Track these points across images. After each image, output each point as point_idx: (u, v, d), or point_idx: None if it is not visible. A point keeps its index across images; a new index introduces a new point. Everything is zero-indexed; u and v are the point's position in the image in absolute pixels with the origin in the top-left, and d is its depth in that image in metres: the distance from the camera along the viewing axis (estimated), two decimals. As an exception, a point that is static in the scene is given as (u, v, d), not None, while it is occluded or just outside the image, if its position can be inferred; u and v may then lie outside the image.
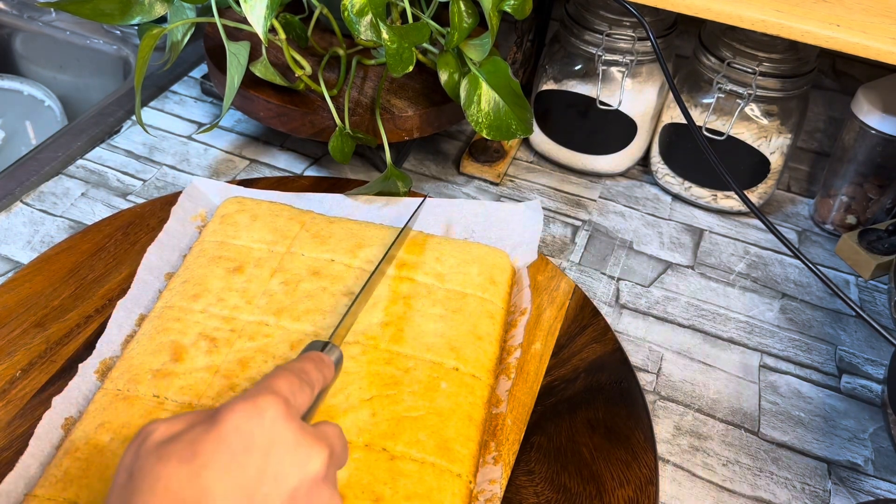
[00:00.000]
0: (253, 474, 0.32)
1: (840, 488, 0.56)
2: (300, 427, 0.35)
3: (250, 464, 0.33)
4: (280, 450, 0.33)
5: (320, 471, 0.34)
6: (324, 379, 0.42)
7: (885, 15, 0.62)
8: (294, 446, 0.34)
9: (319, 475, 0.34)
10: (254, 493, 0.32)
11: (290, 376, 0.38)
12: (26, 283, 0.61)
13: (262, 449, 0.33)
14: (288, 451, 0.34)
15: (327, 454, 0.35)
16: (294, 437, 0.34)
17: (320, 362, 0.42)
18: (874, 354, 0.66)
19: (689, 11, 0.64)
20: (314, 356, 0.42)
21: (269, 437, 0.33)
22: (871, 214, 0.76)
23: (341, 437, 0.38)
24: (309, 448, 0.34)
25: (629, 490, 0.51)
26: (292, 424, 0.34)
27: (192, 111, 0.86)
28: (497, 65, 0.68)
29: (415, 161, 0.82)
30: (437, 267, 0.62)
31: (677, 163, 0.79)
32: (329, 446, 0.35)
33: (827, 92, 0.82)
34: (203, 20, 0.73)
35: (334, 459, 0.36)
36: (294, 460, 0.34)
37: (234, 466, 0.32)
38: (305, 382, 0.38)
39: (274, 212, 0.66)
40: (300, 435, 0.34)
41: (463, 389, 0.53)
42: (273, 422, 0.34)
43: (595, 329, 0.62)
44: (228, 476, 0.32)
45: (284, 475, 0.33)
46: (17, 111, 1.05)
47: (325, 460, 0.35)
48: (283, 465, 0.33)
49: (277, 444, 0.33)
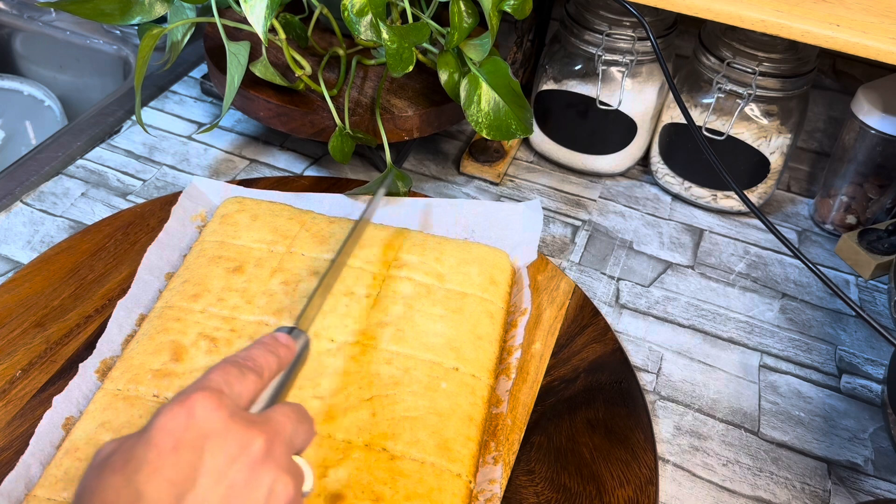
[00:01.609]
0: (186, 470, 0.32)
1: (840, 488, 0.56)
2: (231, 415, 0.34)
3: (182, 461, 0.32)
4: (213, 442, 0.33)
5: (258, 454, 0.34)
6: (278, 360, 0.40)
7: (885, 15, 0.62)
8: (226, 435, 0.34)
9: (257, 458, 0.34)
10: (188, 488, 0.32)
11: (228, 367, 0.37)
12: (26, 283, 0.61)
13: (194, 444, 0.33)
14: (221, 441, 0.33)
15: (264, 437, 0.34)
16: (225, 426, 0.34)
17: (273, 344, 0.41)
18: (874, 354, 0.66)
19: (689, 11, 0.64)
20: (266, 339, 0.41)
21: (199, 432, 0.33)
22: (871, 214, 0.76)
23: (294, 416, 0.38)
24: (241, 434, 0.34)
25: (629, 490, 0.51)
26: (222, 414, 0.34)
27: (192, 111, 0.86)
28: (497, 65, 0.68)
29: (415, 161, 0.82)
30: (437, 267, 0.62)
31: (677, 163, 0.79)
32: (268, 430, 0.35)
33: (827, 92, 0.82)
34: (203, 20, 0.73)
35: (280, 440, 0.35)
36: (228, 449, 0.33)
37: (164, 466, 0.32)
38: (249, 369, 0.38)
39: (274, 212, 0.66)
40: (231, 423, 0.34)
41: (463, 389, 0.53)
42: (204, 416, 0.34)
43: (595, 329, 0.62)
44: (159, 476, 0.32)
45: (220, 465, 0.33)
46: (17, 111, 1.05)
47: (263, 444, 0.34)
48: (218, 456, 0.33)
49: (210, 436, 0.33)
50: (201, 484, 0.32)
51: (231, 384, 0.36)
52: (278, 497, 0.34)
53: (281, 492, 0.34)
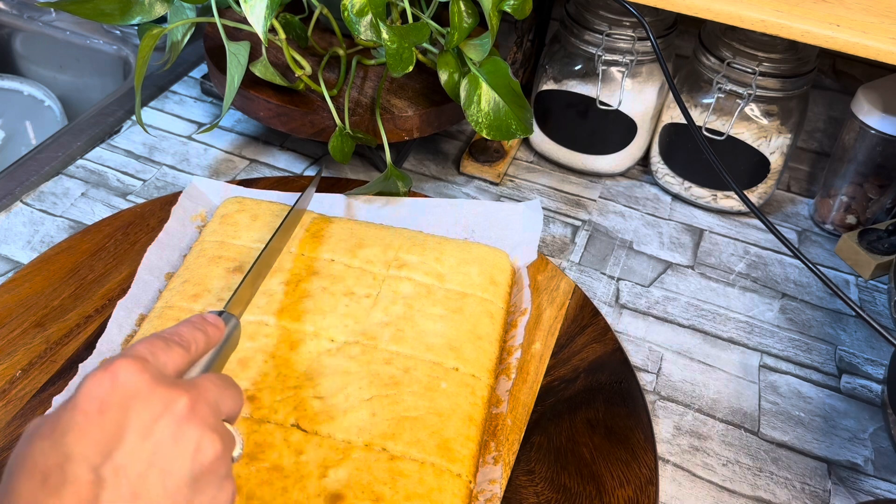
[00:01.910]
0: (112, 430, 0.33)
1: (840, 488, 0.56)
2: (154, 379, 0.35)
3: (108, 422, 0.33)
4: (138, 402, 0.34)
5: (182, 411, 0.35)
6: (205, 337, 0.41)
7: (885, 15, 0.62)
8: (150, 395, 0.34)
9: (182, 416, 0.34)
10: (115, 447, 0.33)
11: (153, 339, 0.38)
12: (26, 283, 0.61)
13: (119, 406, 0.34)
14: (145, 402, 0.34)
15: (188, 396, 0.35)
16: (148, 388, 0.35)
17: (200, 322, 0.42)
18: (874, 354, 0.66)
19: (689, 11, 0.64)
20: (194, 318, 0.42)
21: (124, 393, 0.34)
22: (871, 214, 0.76)
23: (219, 382, 0.38)
24: (165, 394, 0.35)
25: (629, 490, 0.51)
26: (146, 377, 0.35)
27: (192, 111, 0.86)
28: (497, 65, 0.68)
29: (415, 161, 0.82)
30: (437, 267, 0.62)
31: (677, 163, 0.79)
32: (192, 390, 0.36)
33: (827, 92, 0.82)
34: (203, 20, 0.73)
35: (204, 400, 0.36)
36: (153, 408, 0.34)
37: (90, 428, 0.33)
38: (175, 343, 0.39)
39: (274, 212, 0.66)
40: (154, 385, 0.35)
41: (463, 389, 0.53)
42: (127, 380, 0.34)
43: (595, 329, 0.62)
44: (86, 437, 0.33)
45: (145, 423, 0.34)
46: (17, 111, 1.05)
47: (188, 401, 0.35)
48: (143, 415, 0.34)
49: (134, 398, 0.34)
50: (128, 441, 0.33)
51: (156, 354, 0.37)
52: (205, 453, 0.35)
53: (208, 448, 0.35)
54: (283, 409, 0.51)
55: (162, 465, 0.33)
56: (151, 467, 0.33)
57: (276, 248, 0.58)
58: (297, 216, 0.63)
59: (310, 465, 0.48)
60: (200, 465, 0.34)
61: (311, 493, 0.47)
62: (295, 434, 0.50)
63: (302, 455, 0.49)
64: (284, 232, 0.60)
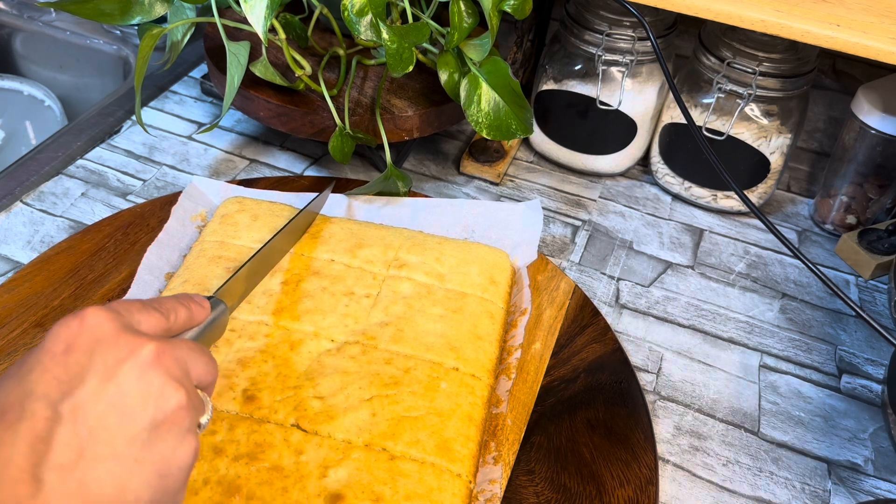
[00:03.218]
0: (75, 370, 0.34)
1: (840, 488, 0.56)
2: (123, 326, 0.35)
3: (71, 362, 0.34)
4: (103, 346, 0.34)
5: (147, 358, 0.35)
6: (187, 312, 0.41)
7: (885, 15, 0.62)
8: (116, 339, 0.35)
9: (147, 362, 0.35)
10: (76, 386, 0.33)
11: (132, 300, 0.39)
12: (26, 283, 0.61)
13: (84, 348, 0.34)
14: (110, 345, 0.34)
15: (155, 345, 0.35)
16: (115, 333, 0.35)
17: (185, 298, 0.42)
18: (874, 354, 0.66)
19: (689, 11, 0.64)
20: (180, 295, 0.42)
21: (91, 337, 0.34)
22: (871, 214, 0.76)
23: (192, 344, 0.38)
24: (132, 341, 0.35)
25: (629, 490, 0.51)
26: (114, 324, 0.35)
27: (192, 111, 0.86)
28: (497, 65, 0.68)
29: (415, 161, 0.82)
30: (437, 267, 0.62)
31: (677, 163, 0.79)
32: (160, 342, 0.36)
33: (827, 92, 0.82)
34: (203, 20, 0.73)
35: (172, 354, 0.36)
36: (118, 352, 0.34)
37: (53, 366, 0.34)
38: (153, 308, 0.39)
39: (274, 212, 0.66)
40: (121, 331, 0.35)
41: (463, 389, 0.53)
42: (96, 325, 0.35)
43: (595, 329, 0.62)
44: (48, 376, 0.33)
45: (109, 365, 0.34)
46: (17, 111, 1.05)
47: (154, 350, 0.35)
48: (108, 357, 0.34)
49: (101, 341, 0.34)
50: (89, 382, 0.33)
51: (130, 310, 0.37)
52: (167, 401, 0.35)
53: (170, 396, 0.35)
54: (283, 409, 0.51)
55: (122, 408, 0.33)
56: (111, 409, 0.33)
57: (279, 248, 0.58)
58: (307, 220, 0.63)
59: (310, 465, 0.48)
60: (162, 413, 0.34)
61: (311, 493, 0.47)
62: (295, 434, 0.50)
63: (302, 455, 0.49)
64: (290, 234, 0.60)
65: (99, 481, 0.32)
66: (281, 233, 0.58)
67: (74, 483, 0.32)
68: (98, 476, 0.32)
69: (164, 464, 0.34)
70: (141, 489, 0.33)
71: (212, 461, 0.48)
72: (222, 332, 0.45)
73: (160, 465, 0.34)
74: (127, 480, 0.33)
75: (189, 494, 0.46)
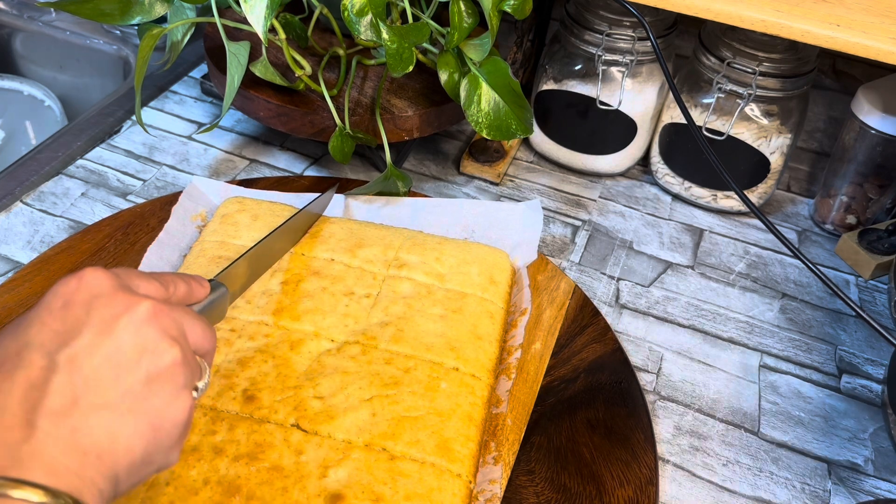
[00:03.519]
0: (72, 323, 0.34)
1: (840, 488, 0.56)
2: (120, 285, 0.36)
3: (69, 316, 0.35)
4: (101, 301, 0.35)
5: (143, 314, 0.35)
6: (187, 287, 0.42)
7: (885, 15, 0.62)
8: (113, 296, 0.35)
9: (143, 318, 0.35)
10: (73, 338, 0.34)
11: (131, 269, 0.39)
12: (26, 283, 0.61)
13: (82, 303, 0.35)
14: (108, 301, 0.35)
15: (152, 303, 0.36)
16: (113, 290, 0.36)
17: (185, 275, 0.43)
18: (874, 354, 0.66)
19: (689, 11, 0.64)
20: (183, 273, 0.43)
21: (88, 293, 0.35)
22: (871, 214, 0.76)
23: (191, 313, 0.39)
24: (128, 298, 0.36)
25: (629, 490, 0.51)
26: (112, 282, 0.36)
27: (192, 111, 0.86)
28: (497, 65, 0.68)
29: (415, 161, 0.82)
30: (437, 267, 0.62)
31: (677, 163, 0.79)
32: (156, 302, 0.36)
33: (827, 92, 0.82)
34: (203, 20, 0.73)
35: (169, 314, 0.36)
36: (114, 308, 0.35)
37: (51, 320, 0.34)
38: (152, 277, 0.39)
39: (274, 212, 0.66)
40: (118, 289, 0.36)
41: (463, 389, 0.53)
42: (94, 282, 0.36)
43: (595, 329, 0.62)
44: (46, 328, 0.34)
45: (105, 319, 0.35)
46: (17, 111, 1.05)
47: (151, 307, 0.36)
48: (104, 313, 0.35)
49: (98, 297, 0.35)
50: (86, 334, 0.34)
51: (129, 276, 0.38)
52: (162, 356, 0.35)
53: (165, 352, 0.35)
54: (283, 409, 0.51)
55: (117, 360, 0.34)
56: (106, 361, 0.34)
57: (281, 244, 0.58)
58: (310, 218, 0.63)
59: (310, 465, 0.48)
60: (156, 367, 0.35)
61: (311, 493, 0.47)
62: (295, 434, 0.50)
63: (302, 455, 0.49)
64: (294, 231, 0.60)
65: (91, 429, 0.33)
66: (284, 227, 0.58)
67: (67, 429, 0.32)
68: (91, 424, 0.33)
69: (157, 417, 0.35)
70: (132, 439, 0.34)
71: (212, 461, 0.48)
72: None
73: (153, 417, 0.35)
74: (119, 430, 0.33)
75: (189, 494, 0.46)
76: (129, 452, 0.34)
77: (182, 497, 0.46)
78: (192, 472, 0.47)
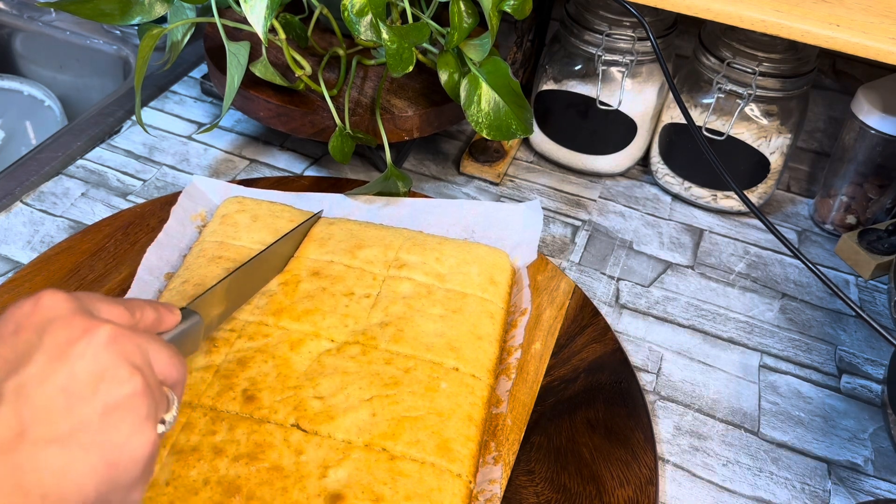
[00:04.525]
0: (23, 349, 0.32)
1: (840, 488, 0.56)
2: (79, 308, 0.34)
3: (20, 341, 0.32)
4: (55, 325, 0.33)
5: (102, 339, 0.33)
6: (155, 314, 0.39)
7: (885, 15, 0.62)
8: (70, 320, 0.33)
9: (100, 343, 0.33)
10: (23, 364, 0.32)
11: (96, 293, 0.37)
12: (26, 283, 0.61)
13: (36, 327, 0.33)
14: (63, 325, 0.33)
15: (112, 327, 0.33)
16: (70, 313, 0.33)
17: (156, 303, 0.40)
18: (874, 354, 0.66)
19: (689, 11, 0.64)
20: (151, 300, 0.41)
21: (43, 317, 0.33)
22: (871, 214, 0.76)
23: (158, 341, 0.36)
24: (86, 322, 0.33)
25: (629, 490, 0.51)
26: (70, 304, 0.34)
27: (192, 111, 0.86)
28: (497, 65, 0.68)
29: (415, 161, 0.82)
30: (437, 267, 0.62)
31: (677, 163, 0.79)
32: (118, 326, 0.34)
33: (827, 92, 0.82)
34: (203, 20, 0.73)
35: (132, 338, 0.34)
36: (70, 333, 0.33)
37: (2, 347, 0.32)
38: (118, 302, 0.37)
39: (274, 213, 0.66)
40: (77, 312, 0.33)
41: (463, 389, 0.53)
42: (50, 305, 0.33)
43: (595, 329, 0.62)
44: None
45: (59, 345, 0.32)
46: (17, 111, 1.05)
47: (110, 332, 0.33)
48: (58, 338, 0.32)
49: (53, 321, 0.33)
50: (37, 361, 0.32)
51: (91, 299, 0.36)
52: (122, 385, 0.33)
53: (125, 381, 0.33)
54: (283, 409, 0.51)
55: (71, 389, 0.32)
56: (59, 390, 0.31)
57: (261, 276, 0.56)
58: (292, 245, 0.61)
59: (310, 465, 0.48)
60: (115, 397, 0.32)
61: (311, 493, 0.47)
62: (295, 434, 0.50)
63: (302, 455, 0.49)
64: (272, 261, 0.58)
65: (37, 466, 0.30)
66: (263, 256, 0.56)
67: (8, 467, 0.30)
68: (37, 460, 0.30)
69: (114, 452, 0.32)
70: (84, 478, 0.31)
71: (212, 461, 0.48)
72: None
73: (109, 453, 0.32)
74: (69, 467, 0.31)
75: (189, 494, 0.46)
76: (79, 492, 0.31)
77: (182, 497, 0.46)
78: (192, 472, 0.47)
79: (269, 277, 0.59)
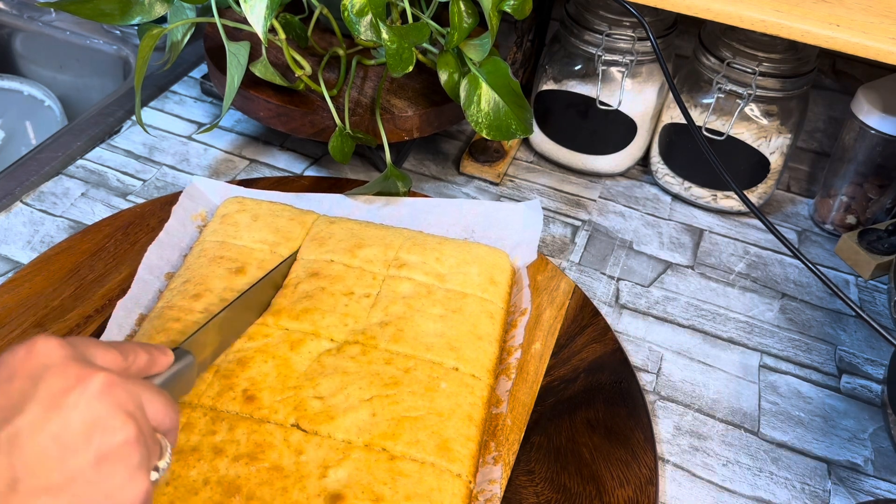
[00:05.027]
0: (16, 397, 0.32)
1: (840, 488, 0.56)
2: (73, 356, 0.34)
3: (13, 389, 0.32)
4: (50, 373, 0.33)
5: (96, 388, 0.33)
6: (148, 357, 0.39)
7: (885, 15, 0.62)
8: (64, 368, 0.33)
9: (95, 392, 0.33)
10: (17, 413, 0.32)
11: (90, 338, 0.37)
12: (26, 283, 0.61)
13: (30, 375, 0.33)
14: (57, 374, 0.33)
15: (105, 375, 0.33)
16: (64, 362, 0.33)
17: (148, 345, 0.40)
18: (874, 354, 0.66)
19: (689, 11, 0.64)
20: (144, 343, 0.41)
21: (37, 364, 0.33)
22: (871, 214, 0.76)
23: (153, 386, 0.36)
24: (80, 370, 0.33)
25: (629, 490, 0.51)
26: (64, 352, 0.34)
27: (192, 111, 0.86)
28: (497, 65, 0.68)
29: (415, 161, 0.82)
30: (437, 267, 0.62)
31: (677, 163, 0.79)
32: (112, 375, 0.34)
33: (827, 92, 0.82)
34: (203, 20, 0.73)
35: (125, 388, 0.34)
36: (64, 381, 0.33)
37: None
38: (111, 346, 0.37)
39: (275, 212, 0.66)
40: (71, 360, 0.33)
41: (463, 389, 0.53)
42: (44, 352, 0.33)
43: (595, 329, 0.62)
44: None
45: (53, 394, 0.32)
46: (17, 111, 1.05)
47: (104, 380, 0.33)
48: (52, 386, 0.33)
49: (48, 369, 0.33)
50: (30, 410, 0.32)
51: (86, 345, 0.36)
52: (115, 434, 0.33)
53: (118, 429, 0.33)
54: (283, 409, 0.51)
55: (64, 438, 0.32)
56: (52, 440, 0.31)
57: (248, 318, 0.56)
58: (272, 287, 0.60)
59: (310, 465, 0.48)
60: (108, 446, 0.32)
61: (311, 493, 0.47)
62: (295, 434, 0.50)
63: (302, 455, 0.49)
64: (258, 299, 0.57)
65: None
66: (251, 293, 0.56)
67: None
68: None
69: (107, 502, 0.32)
70: None
71: (212, 461, 0.48)
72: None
73: (103, 502, 0.32)
74: None
75: (189, 494, 0.46)
76: None
77: (182, 497, 0.46)
78: (192, 472, 0.47)
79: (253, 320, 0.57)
